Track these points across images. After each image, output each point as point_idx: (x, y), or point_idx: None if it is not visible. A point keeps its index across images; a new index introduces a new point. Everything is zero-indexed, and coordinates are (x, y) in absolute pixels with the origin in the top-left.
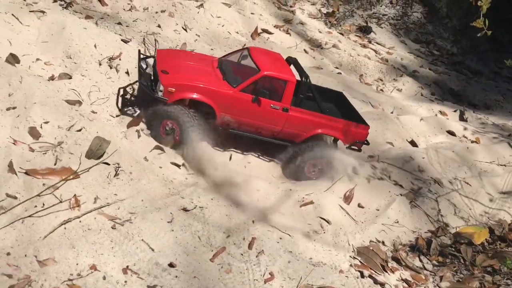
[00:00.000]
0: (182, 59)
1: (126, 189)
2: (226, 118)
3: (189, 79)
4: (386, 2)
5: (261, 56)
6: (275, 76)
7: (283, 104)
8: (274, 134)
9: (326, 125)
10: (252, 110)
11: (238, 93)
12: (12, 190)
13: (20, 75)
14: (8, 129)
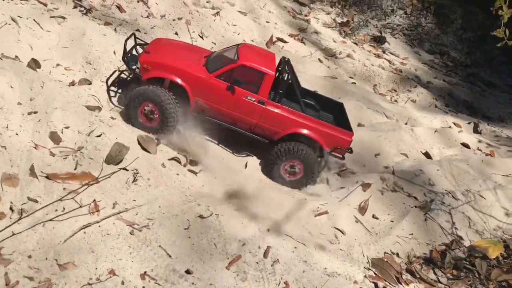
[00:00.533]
0: (174, 46)
1: (144, 195)
2: (200, 103)
3: (165, 60)
4: (400, 12)
5: (248, 50)
6: (253, 67)
7: (259, 97)
8: (250, 128)
9: (304, 125)
10: (227, 98)
11: (213, 79)
12: (33, 194)
13: (41, 80)
14: (30, 133)
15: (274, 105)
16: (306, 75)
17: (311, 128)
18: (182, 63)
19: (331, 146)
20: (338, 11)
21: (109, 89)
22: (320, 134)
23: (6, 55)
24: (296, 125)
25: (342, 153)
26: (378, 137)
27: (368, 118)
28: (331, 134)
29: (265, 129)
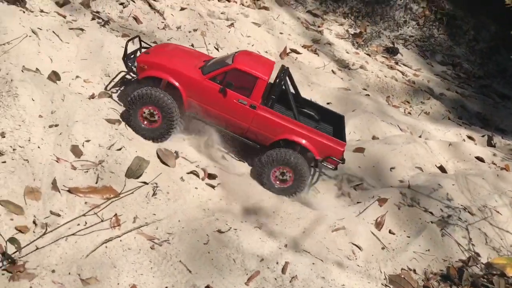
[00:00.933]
0: (175, 49)
1: (163, 209)
2: (193, 104)
3: (162, 60)
4: (413, 23)
5: (245, 55)
6: (246, 71)
7: (251, 101)
8: (242, 132)
9: (296, 132)
10: (219, 100)
11: (206, 81)
12: (56, 208)
13: (62, 93)
14: (51, 146)
15: (266, 110)
16: (320, 87)
17: (302, 135)
18: (177, 64)
19: (322, 155)
20: (351, 22)
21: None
22: (311, 142)
23: (27, 67)
24: (287, 131)
25: (334, 163)
26: (393, 150)
27: (382, 130)
28: (323, 142)
29: (256, 134)
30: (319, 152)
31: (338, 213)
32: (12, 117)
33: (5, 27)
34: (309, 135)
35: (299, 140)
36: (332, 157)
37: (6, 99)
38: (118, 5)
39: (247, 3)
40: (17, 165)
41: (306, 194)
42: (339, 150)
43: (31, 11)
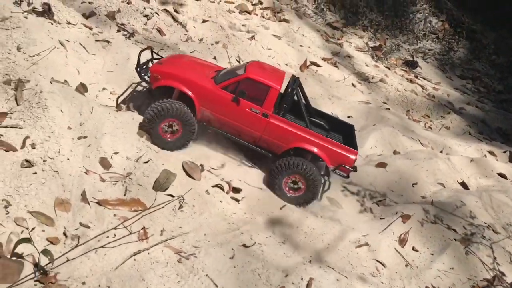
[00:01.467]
0: (188, 60)
1: (189, 222)
2: (206, 113)
3: (175, 70)
4: (432, 37)
5: (256, 65)
6: (259, 80)
7: (264, 110)
8: (254, 140)
9: (308, 140)
10: (232, 109)
11: (219, 90)
12: (85, 220)
13: (91, 105)
14: (80, 158)
15: (278, 119)
16: (340, 100)
17: (314, 143)
18: (190, 74)
19: (335, 163)
20: (370, 35)
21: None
22: (323, 150)
23: (55, 79)
24: (299, 140)
25: (347, 171)
26: (415, 166)
27: (404, 145)
28: (335, 151)
29: (268, 142)
30: (331, 161)
31: (361, 229)
32: (42, 128)
33: (34, 39)
34: (321, 144)
35: (311, 148)
36: (344, 165)
37: (36, 110)
38: (142, 17)
39: (268, 16)
40: (48, 177)
41: (330, 210)
42: (351, 158)
43: (58, 23)
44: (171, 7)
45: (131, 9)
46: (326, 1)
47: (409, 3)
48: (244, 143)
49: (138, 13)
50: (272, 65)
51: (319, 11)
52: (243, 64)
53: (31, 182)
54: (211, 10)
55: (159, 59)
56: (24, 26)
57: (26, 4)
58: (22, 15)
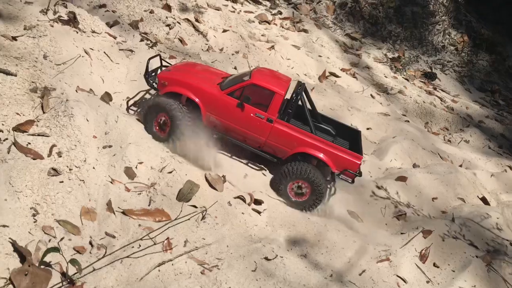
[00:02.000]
0: (196, 67)
1: (212, 233)
2: (212, 119)
3: (181, 77)
4: (451, 48)
5: (262, 72)
6: (263, 85)
7: (268, 115)
8: (260, 145)
9: (312, 145)
10: (237, 115)
11: (224, 96)
12: (111, 229)
13: (116, 114)
14: (105, 167)
15: (282, 124)
16: (359, 112)
17: (319, 148)
18: (196, 80)
19: (339, 168)
20: (389, 46)
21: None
22: (328, 155)
23: (81, 87)
24: (304, 145)
25: (351, 176)
26: (435, 180)
27: (423, 159)
28: (339, 155)
29: (273, 148)
30: (336, 165)
31: (382, 244)
32: (68, 137)
33: (60, 47)
34: (325, 148)
35: (315, 153)
36: (349, 170)
37: (62, 119)
38: (165, 26)
39: (287, 26)
40: (74, 185)
41: (351, 223)
42: (355, 163)
43: (83, 32)
44: (192, 17)
45: (153, 18)
46: (345, 12)
47: (428, 14)
48: (250, 149)
49: (161, 23)
50: (279, 72)
51: (338, 21)
52: (249, 71)
53: (58, 191)
54: (231, 20)
55: (168, 67)
56: (51, 35)
57: (52, 12)
58: (48, 23)
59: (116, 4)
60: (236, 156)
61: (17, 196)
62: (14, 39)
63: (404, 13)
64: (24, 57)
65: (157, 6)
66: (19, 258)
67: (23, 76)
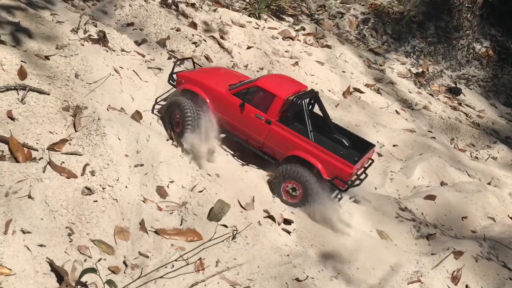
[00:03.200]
0: (220, 70)
1: (243, 254)
2: (218, 116)
3: (196, 76)
4: (476, 63)
5: (273, 77)
6: (266, 88)
7: (268, 116)
8: (259, 146)
9: (306, 149)
10: (240, 114)
11: (230, 96)
12: (144, 249)
13: (147, 133)
14: (137, 186)
15: (280, 126)
16: (385, 128)
17: (311, 153)
18: (209, 79)
19: (330, 175)
20: (413, 61)
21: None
22: (320, 160)
23: (112, 106)
24: (298, 148)
25: (342, 185)
26: (464, 199)
27: (451, 176)
28: (331, 162)
29: (271, 149)
30: (327, 172)
31: (413, 265)
32: (101, 155)
33: (91, 66)
34: (318, 154)
35: (308, 157)
36: (339, 177)
37: (95, 137)
38: (191, 44)
39: (310, 42)
40: (108, 205)
41: (381, 243)
42: (346, 172)
43: (113, 50)
44: (217, 34)
45: (180, 36)
46: (368, 27)
47: (452, 29)
48: (251, 148)
49: (187, 40)
50: (293, 78)
51: (361, 36)
52: (262, 75)
53: (92, 210)
54: (255, 37)
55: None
56: (82, 53)
57: (83, 31)
58: (79, 42)
59: (143, 23)
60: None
61: (53, 216)
62: (47, 58)
63: (427, 28)
64: (56, 76)
65: (183, 24)
66: (56, 277)
67: (55, 94)
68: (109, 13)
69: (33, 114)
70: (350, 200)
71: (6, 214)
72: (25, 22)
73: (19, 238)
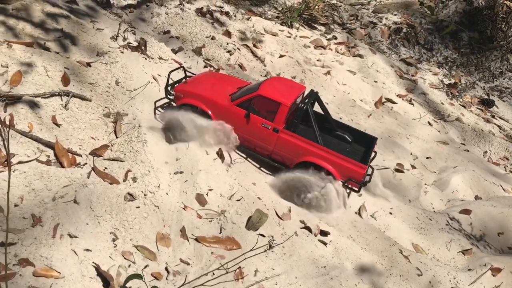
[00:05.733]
0: (213, 78)
1: (280, 264)
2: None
3: (195, 89)
4: (509, 75)
5: (272, 82)
6: (269, 97)
7: (275, 125)
8: (269, 154)
9: (317, 154)
10: (246, 125)
11: (233, 107)
12: (185, 256)
13: (188, 143)
14: (177, 193)
15: (288, 134)
16: (418, 140)
17: (323, 157)
18: (208, 92)
19: (344, 177)
20: (445, 72)
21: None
22: (332, 164)
23: (151, 113)
24: (308, 154)
25: (356, 186)
26: (500, 214)
27: (486, 191)
28: (343, 164)
29: (281, 156)
30: (340, 174)
31: (450, 280)
32: (142, 162)
33: (131, 73)
34: (329, 157)
35: (320, 162)
36: (353, 179)
37: (136, 144)
38: (226, 52)
39: (342, 51)
40: (149, 211)
41: (417, 257)
42: (360, 173)
43: (151, 58)
44: (250, 43)
45: (215, 45)
46: (400, 37)
47: (485, 40)
48: (260, 157)
49: (222, 49)
50: (292, 80)
51: (393, 46)
52: (260, 81)
53: (135, 216)
54: (288, 45)
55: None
56: (122, 61)
57: (122, 39)
58: (118, 49)
59: (179, 30)
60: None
61: (97, 221)
62: (88, 65)
63: (460, 38)
64: (97, 82)
65: (218, 32)
66: (102, 282)
67: (97, 101)
68: (146, 20)
69: (76, 120)
70: (385, 212)
71: (54, 218)
72: (68, 29)
73: (66, 242)
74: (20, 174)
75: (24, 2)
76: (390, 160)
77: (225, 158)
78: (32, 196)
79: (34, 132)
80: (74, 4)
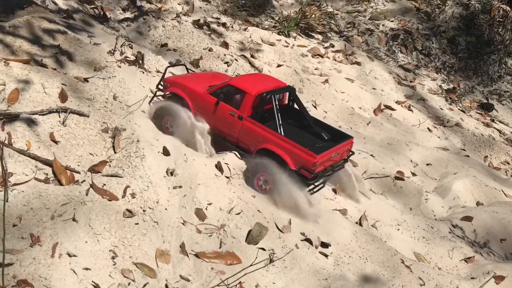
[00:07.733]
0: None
1: (281, 277)
2: (198, 115)
3: (180, 80)
4: (508, 78)
5: (250, 76)
6: (237, 86)
7: (240, 113)
8: (235, 141)
9: (274, 142)
10: (216, 112)
11: (207, 95)
12: (185, 272)
13: (186, 156)
14: (177, 208)
15: (251, 121)
16: (418, 147)
17: (278, 144)
18: (190, 82)
19: (297, 165)
20: (443, 77)
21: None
22: (287, 152)
23: (150, 127)
24: (266, 141)
25: (307, 174)
26: (502, 220)
27: (487, 197)
28: (295, 152)
29: (245, 143)
30: (294, 162)
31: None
32: (141, 178)
33: (129, 88)
34: (285, 145)
35: (277, 150)
36: (304, 167)
37: (134, 159)
38: (223, 63)
39: (340, 59)
40: (149, 227)
41: (420, 265)
42: (310, 161)
43: (149, 72)
44: (248, 53)
45: (212, 56)
46: (398, 43)
47: (483, 44)
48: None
49: (219, 60)
50: (273, 77)
51: (390, 53)
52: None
53: (134, 233)
54: (285, 55)
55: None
56: (119, 75)
57: (119, 53)
58: (116, 64)
59: (176, 43)
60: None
61: (96, 239)
62: (85, 80)
63: (458, 43)
64: (95, 98)
65: (215, 44)
66: None
67: (95, 116)
68: (143, 33)
69: (74, 136)
70: (386, 222)
71: (53, 237)
72: (65, 45)
73: (65, 261)
74: (18, 193)
75: (21, 20)
76: (390, 167)
77: (224, 170)
78: (30, 215)
79: (32, 150)
80: (71, 19)
